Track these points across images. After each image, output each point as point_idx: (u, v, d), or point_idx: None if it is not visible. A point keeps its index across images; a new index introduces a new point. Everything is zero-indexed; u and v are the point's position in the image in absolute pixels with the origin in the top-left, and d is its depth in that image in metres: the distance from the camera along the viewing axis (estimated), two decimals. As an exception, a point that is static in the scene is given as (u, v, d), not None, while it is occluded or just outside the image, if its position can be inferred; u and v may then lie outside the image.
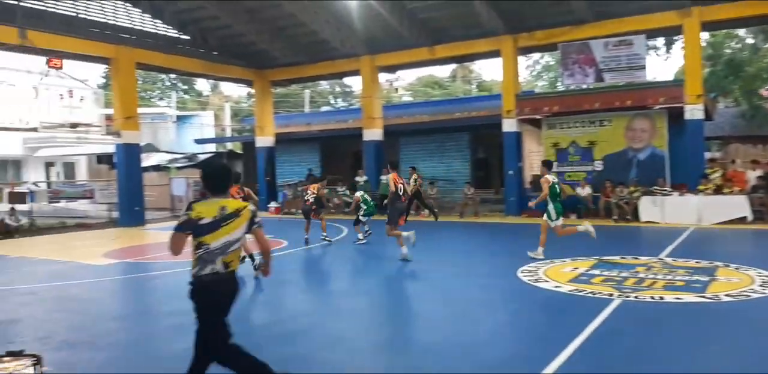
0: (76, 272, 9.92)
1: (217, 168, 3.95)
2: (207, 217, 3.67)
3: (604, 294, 6.84)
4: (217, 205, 3.74)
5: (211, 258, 3.68)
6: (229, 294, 3.80)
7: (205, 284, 3.71)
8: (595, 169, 17.12)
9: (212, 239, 3.68)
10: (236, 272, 3.85)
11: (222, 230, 3.70)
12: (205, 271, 3.69)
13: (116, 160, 19.00)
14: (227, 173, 3.92)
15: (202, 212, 3.68)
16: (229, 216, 3.74)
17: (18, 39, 15.07)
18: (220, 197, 3.82)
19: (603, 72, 16.68)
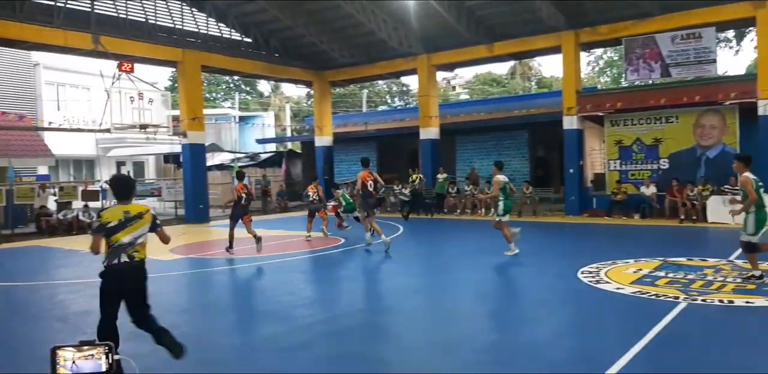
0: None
1: (120, 180, 4.89)
2: (113, 220, 4.54)
3: (669, 296, 6.61)
4: (120, 210, 4.61)
5: (119, 252, 4.57)
6: (135, 279, 4.71)
7: (114, 272, 4.62)
8: (660, 167, 16.53)
9: (120, 237, 4.54)
10: (143, 261, 4.70)
11: (127, 230, 4.56)
12: (115, 261, 4.58)
13: (182, 159, 19.73)
14: (128, 185, 4.83)
15: (109, 217, 4.55)
16: (132, 218, 4.59)
17: (92, 44, 15.87)
18: (125, 203, 4.70)
19: (670, 67, 16.05)
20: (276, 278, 9.17)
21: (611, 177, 17.36)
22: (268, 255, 11.18)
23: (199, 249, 12.35)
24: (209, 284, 9.08)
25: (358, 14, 18.16)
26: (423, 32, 19.34)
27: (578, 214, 17.07)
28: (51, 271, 10.40)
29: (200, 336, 5.92)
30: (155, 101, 16.55)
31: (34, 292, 8.23)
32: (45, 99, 25.56)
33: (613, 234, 13.66)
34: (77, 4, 16.17)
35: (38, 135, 21.06)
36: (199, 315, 6.91)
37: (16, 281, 9.26)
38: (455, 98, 47.81)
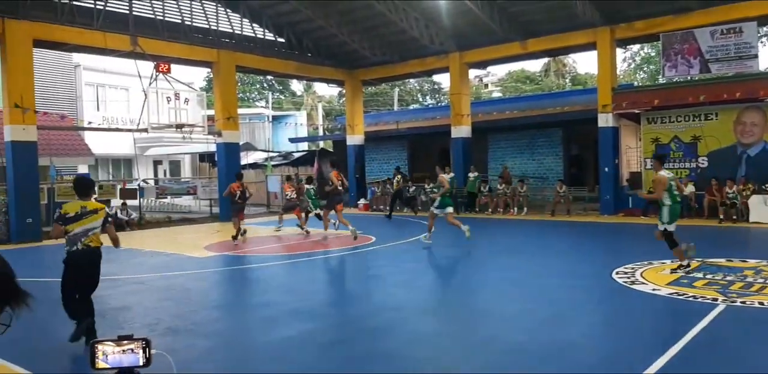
0: (180, 263, 10.58)
1: (81, 181, 5.89)
2: (71, 212, 5.44)
3: (707, 298, 6.45)
4: (79, 205, 5.53)
5: (75, 240, 5.45)
6: (88, 263, 5.54)
7: (71, 256, 5.49)
8: (699, 166, 16.13)
9: (75, 227, 5.43)
10: (97, 248, 5.55)
11: (82, 222, 5.45)
12: (72, 248, 5.46)
13: (217, 158, 20.05)
14: (87, 184, 5.86)
15: (68, 210, 5.48)
16: (87, 213, 5.49)
17: (130, 46, 16.25)
18: (84, 199, 5.64)
19: (709, 62, 15.64)
20: (306, 276, 9.26)
21: (648, 176, 17.01)
22: (299, 253, 11.30)
23: (232, 247, 12.54)
24: (242, 281, 9.22)
25: (390, 13, 18.17)
26: (455, 30, 19.25)
27: (613, 213, 16.78)
28: (91, 267, 10.68)
29: (234, 333, 6.03)
30: (191, 100, 16.85)
31: (75, 287, 8.46)
32: (85, 100, 26.28)
33: (649, 234, 13.27)
34: (116, 6, 16.57)
35: (79, 135, 21.66)
36: (233, 311, 7.02)
37: (56, 277, 9.53)
38: (487, 95, 47.45)
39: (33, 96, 14.70)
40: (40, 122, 15.53)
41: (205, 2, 18.73)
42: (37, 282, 8.56)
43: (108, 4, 16.15)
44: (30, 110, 14.43)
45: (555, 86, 42.67)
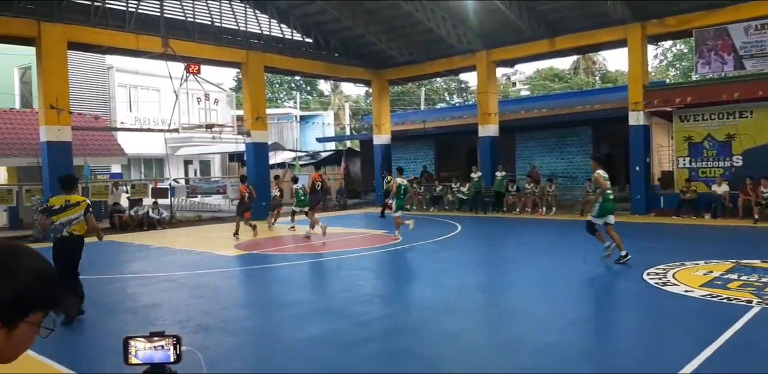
0: (210, 261, 10.73)
1: (65, 178, 6.68)
2: (56, 205, 6.43)
3: (741, 300, 6.31)
4: (63, 199, 6.48)
5: (60, 228, 6.38)
6: (72, 248, 6.39)
7: (58, 242, 6.40)
8: (733, 165, 15.76)
9: (60, 217, 6.39)
10: (80, 236, 6.44)
11: (66, 213, 6.39)
12: (59, 236, 6.42)
13: (246, 158, 20.28)
14: (70, 181, 6.65)
15: (54, 203, 6.49)
16: (71, 205, 6.40)
17: (161, 47, 16.55)
18: (68, 194, 6.53)
19: (743, 59, 15.26)
20: (334, 275, 9.32)
21: (680, 175, 16.69)
22: (326, 252, 11.37)
23: (261, 245, 12.67)
24: (270, 279, 9.31)
25: (417, 13, 18.15)
26: (482, 28, 19.13)
27: (645, 213, 16.49)
28: (122, 265, 10.93)
29: (262, 330, 6.10)
30: (221, 101, 17.09)
31: (107, 285, 8.66)
32: (118, 101, 26.79)
33: (681, 235, 13.14)
34: (148, 8, 16.88)
35: (112, 135, 22.10)
36: (261, 309, 7.10)
37: (90, 274, 9.76)
38: (515, 94, 47.04)
39: (68, 97, 15.06)
40: (74, 122, 15.91)
41: (234, 3, 18.96)
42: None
43: (140, 6, 16.46)
44: (65, 111, 14.80)
45: (584, 84, 42.10)
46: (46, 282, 1.07)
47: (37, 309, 1.05)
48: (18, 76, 24.94)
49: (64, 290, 1.10)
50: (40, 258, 1.11)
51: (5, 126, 18.73)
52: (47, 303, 1.05)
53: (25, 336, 1.05)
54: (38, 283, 1.05)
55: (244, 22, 19.23)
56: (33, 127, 17.69)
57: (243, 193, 14.22)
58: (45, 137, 14.73)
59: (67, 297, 1.11)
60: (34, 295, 1.04)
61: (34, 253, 1.12)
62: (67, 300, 1.11)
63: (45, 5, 14.57)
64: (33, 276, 1.05)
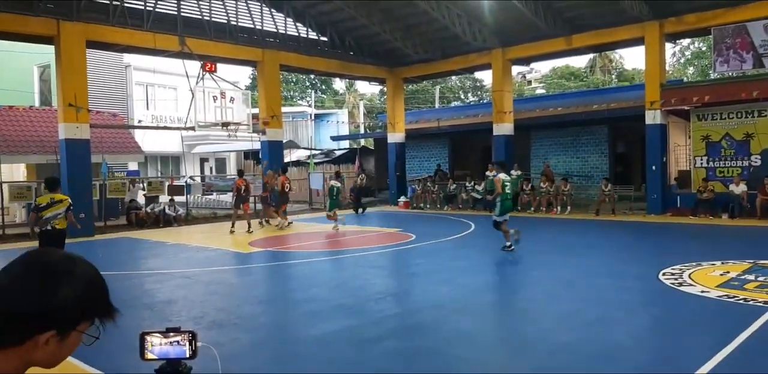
0: (225, 258, 10.82)
1: (50, 179, 8.21)
2: (43, 203, 7.72)
3: (758, 301, 6.24)
4: (49, 196, 7.82)
5: (46, 222, 7.68)
6: (54, 239, 7.66)
7: (44, 234, 7.72)
8: (752, 164, 15.56)
9: (46, 213, 7.66)
10: (62, 229, 7.87)
11: (51, 209, 7.68)
12: (45, 228, 7.70)
13: (261, 156, 20.38)
14: (54, 182, 8.13)
15: (41, 201, 7.82)
16: (55, 202, 7.70)
17: (178, 46, 16.68)
18: (52, 192, 7.90)
19: (763, 57, 15.05)
20: (348, 273, 9.35)
21: (697, 174, 16.52)
22: (341, 250, 11.40)
23: (275, 243, 12.75)
24: (285, 276, 9.37)
25: (433, 10, 18.11)
26: (498, 26, 19.04)
27: (661, 213, 16.34)
28: (139, 261, 11.05)
29: (277, 327, 6.14)
30: (236, 99, 17.17)
31: (124, 281, 8.76)
32: (135, 99, 27.04)
33: (698, 235, 13.01)
34: (165, 7, 17.02)
35: (129, 133, 22.34)
36: (276, 306, 7.15)
37: (107, 270, 9.88)
38: (531, 92, 46.77)
39: (86, 96, 15.23)
40: (92, 120, 16.10)
41: (250, 2, 19.06)
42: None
43: (157, 5, 16.60)
44: (83, 109, 14.97)
45: (601, 83, 41.76)
46: (100, 290, 1.08)
47: (90, 318, 1.07)
48: (37, 75, 25.27)
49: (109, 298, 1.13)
50: (93, 266, 1.13)
51: (25, 124, 19.00)
52: (100, 312, 1.07)
53: (74, 343, 1.07)
54: (94, 291, 1.07)
55: (260, 21, 19.32)
56: (52, 125, 17.94)
57: (239, 186, 14.87)
58: (64, 135, 14.92)
59: (113, 309, 1.14)
60: (90, 303, 1.06)
61: (87, 261, 1.13)
62: (114, 312, 1.13)
63: (64, 5, 14.74)
64: (90, 284, 1.06)
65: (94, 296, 1.07)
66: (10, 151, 17.71)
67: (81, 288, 1.05)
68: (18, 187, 15.97)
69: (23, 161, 19.28)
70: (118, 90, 26.36)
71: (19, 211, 18.03)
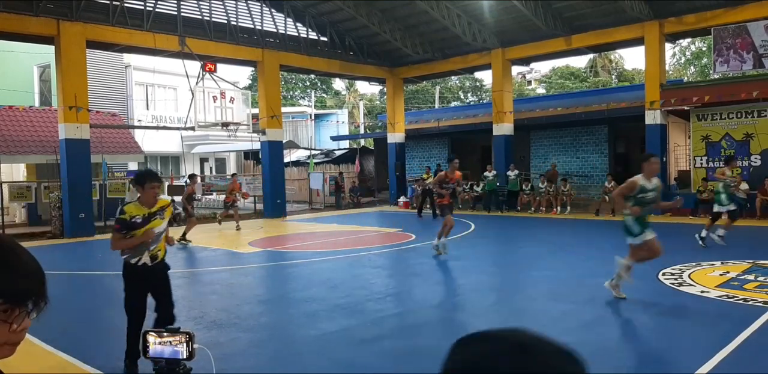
0: (225, 258, 10.82)
1: (147, 173, 4.87)
2: (136, 214, 4.66)
3: (758, 301, 6.25)
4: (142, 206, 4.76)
5: (140, 251, 4.69)
6: (162, 279, 4.93)
7: (140, 272, 4.74)
8: (751, 164, 15.56)
9: (141, 232, 4.68)
10: (164, 258, 4.92)
11: (151, 224, 4.69)
12: (138, 261, 4.71)
13: (261, 156, 20.39)
14: (152, 177, 4.78)
15: (131, 211, 4.68)
16: (155, 214, 4.74)
17: (178, 46, 16.68)
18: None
19: (763, 57, 15.06)
20: (348, 273, 9.34)
21: (697, 175, 16.52)
22: (341, 250, 11.40)
23: (276, 243, 12.75)
24: (285, 276, 9.37)
25: (433, 11, 18.12)
26: (498, 26, 19.05)
27: (661, 213, 16.32)
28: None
29: (276, 327, 6.14)
30: (236, 99, 17.16)
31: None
32: (135, 99, 27.04)
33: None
34: (165, 7, 17.02)
35: (129, 133, 22.33)
36: (276, 306, 7.15)
37: (107, 270, 9.90)
38: (531, 92, 46.76)
39: (86, 95, 15.23)
40: (92, 120, 16.10)
41: (250, 2, 19.06)
42: (91, 275, 8.91)
43: (157, 5, 16.61)
44: (83, 109, 14.97)
45: (601, 84, 41.75)
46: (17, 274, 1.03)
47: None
48: (37, 75, 25.27)
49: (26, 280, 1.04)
50: (8, 247, 1.05)
51: (25, 124, 19.00)
52: (11, 298, 1.02)
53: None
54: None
55: (260, 21, 19.33)
56: (52, 125, 17.94)
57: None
58: (64, 135, 14.92)
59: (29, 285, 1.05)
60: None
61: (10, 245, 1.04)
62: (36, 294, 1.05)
63: (64, 5, 14.74)
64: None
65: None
66: (10, 151, 17.70)
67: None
68: (18, 187, 15.97)
69: (23, 161, 19.28)
70: (118, 90, 26.35)
71: (19, 211, 18.04)
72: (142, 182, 4.69)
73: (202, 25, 17.67)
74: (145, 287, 4.75)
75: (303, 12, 20.09)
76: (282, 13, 19.79)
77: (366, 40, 21.55)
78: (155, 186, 4.72)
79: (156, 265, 4.76)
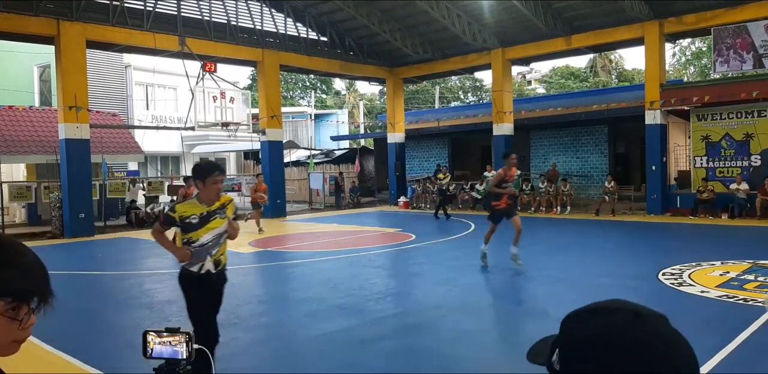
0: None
1: (206, 166, 4.12)
2: (192, 214, 4.03)
3: (758, 301, 6.24)
4: (200, 204, 4.09)
5: (203, 255, 4.09)
6: (218, 290, 4.29)
7: (197, 281, 4.19)
8: (751, 164, 15.56)
9: (201, 234, 4.05)
10: (225, 265, 4.30)
11: (210, 226, 4.06)
12: (195, 269, 4.15)
13: (261, 156, 20.39)
14: (215, 168, 4.09)
15: (185, 210, 4.04)
16: (214, 213, 4.07)
17: (178, 46, 16.69)
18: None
19: (763, 57, 15.06)
20: (348, 273, 9.34)
21: (697, 175, 16.52)
22: (341, 250, 11.40)
23: (276, 243, 12.74)
24: (285, 276, 9.37)
25: (433, 10, 18.12)
26: (498, 26, 19.05)
27: (661, 213, 16.34)
28: (139, 261, 11.05)
29: (277, 327, 6.14)
30: (236, 99, 17.16)
31: (124, 281, 8.77)
32: (135, 99, 27.03)
33: (697, 235, 13.01)
34: (165, 7, 17.02)
35: (129, 133, 22.33)
36: (276, 306, 7.15)
37: (107, 270, 9.90)
38: (531, 92, 46.76)
39: (86, 95, 15.23)
40: (92, 120, 16.09)
41: (250, 2, 19.07)
42: (91, 275, 8.91)
43: (157, 5, 16.61)
44: (83, 109, 14.97)
45: (601, 84, 41.75)
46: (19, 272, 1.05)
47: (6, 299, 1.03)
48: (37, 75, 25.26)
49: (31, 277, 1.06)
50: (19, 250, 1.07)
51: (25, 124, 19.00)
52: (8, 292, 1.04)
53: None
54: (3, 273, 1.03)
55: (260, 21, 19.33)
56: (52, 125, 17.94)
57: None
58: (64, 135, 14.92)
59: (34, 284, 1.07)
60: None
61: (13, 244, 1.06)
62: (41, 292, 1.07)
63: (64, 5, 14.74)
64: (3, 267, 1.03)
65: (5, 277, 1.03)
66: (10, 151, 17.70)
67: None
68: (18, 187, 15.97)
69: (23, 161, 19.28)
70: (118, 90, 26.35)
71: (19, 211, 18.05)
72: (204, 176, 3.97)
73: (202, 25, 17.67)
74: (212, 297, 4.14)
75: (303, 12, 20.09)
76: (282, 13, 19.79)
77: (366, 40, 21.55)
78: (219, 180, 4.01)
79: (219, 272, 4.14)
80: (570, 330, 0.92)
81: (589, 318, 0.92)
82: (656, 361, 0.82)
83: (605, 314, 0.92)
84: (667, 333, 0.89)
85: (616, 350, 0.82)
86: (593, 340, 0.85)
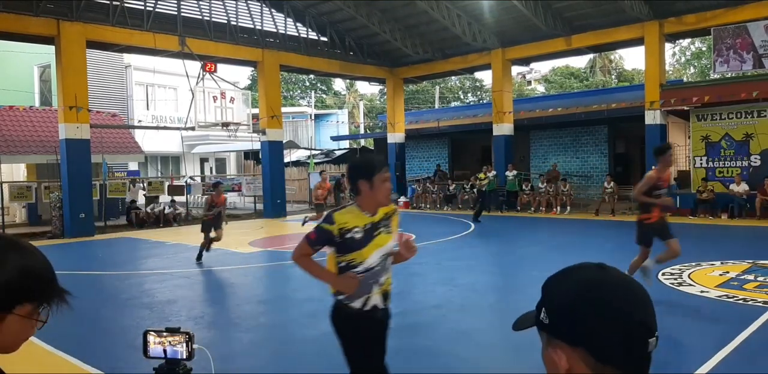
0: (225, 258, 10.81)
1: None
2: (355, 226, 3.02)
3: (758, 301, 6.25)
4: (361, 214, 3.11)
5: (369, 285, 3.09)
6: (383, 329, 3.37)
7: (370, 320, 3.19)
8: (751, 164, 15.56)
9: (367, 256, 3.06)
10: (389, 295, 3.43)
11: (377, 241, 3.09)
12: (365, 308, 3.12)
13: (261, 156, 20.40)
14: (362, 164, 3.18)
15: (344, 221, 3.04)
16: (380, 225, 3.13)
17: (178, 46, 16.69)
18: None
19: (763, 57, 15.06)
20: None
21: (697, 175, 16.52)
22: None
23: (276, 242, 12.74)
24: (285, 276, 9.37)
25: (433, 11, 18.12)
26: (498, 26, 19.06)
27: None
28: (139, 261, 11.05)
29: (276, 327, 6.14)
30: (236, 99, 17.18)
31: (124, 280, 8.77)
32: (135, 99, 27.04)
33: (697, 235, 13.00)
34: (165, 7, 17.02)
35: (129, 133, 22.33)
36: (276, 306, 7.16)
37: (108, 270, 9.91)
38: (531, 92, 46.77)
39: (86, 95, 15.23)
40: (92, 120, 16.10)
41: (250, 2, 19.07)
42: (91, 275, 8.90)
43: (157, 5, 16.61)
44: (83, 109, 14.98)
45: (601, 84, 41.76)
46: (33, 275, 1.08)
47: (24, 302, 1.06)
48: (37, 75, 25.27)
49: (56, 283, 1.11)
50: (32, 253, 1.11)
51: (25, 124, 19.00)
52: (34, 297, 1.07)
53: (16, 327, 1.07)
54: (24, 276, 1.06)
55: (260, 21, 19.33)
56: (52, 125, 17.94)
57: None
58: (64, 135, 14.92)
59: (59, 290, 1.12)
60: (18, 288, 1.05)
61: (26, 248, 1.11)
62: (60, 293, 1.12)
63: (64, 5, 14.75)
64: (18, 270, 1.06)
65: (26, 281, 1.06)
66: (10, 151, 17.71)
67: (8, 273, 1.05)
68: (18, 187, 15.97)
69: (23, 161, 19.29)
70: (118, 90, 26.35)
71: (19, 211, 18.05)
72: (370, 174, 2.91)
73: (202, 25, 17.67)
74: (381, 339, 3.14)
75: (303, 12, 20.10)
76: (282, 13, 19.79)
77: (366, 40, 21.55)
78: (388, 177, 2.98)
79: (387, 306, 3.11)
80: (551, 289, 1.14)
81: (564, 277, 1.15)
82: (621, 294, 1.05)
83: (576, 270, 1.16)
84: (627, 276, 1.12)
85: (590, 290, 1.05)
86: (571, 288, 1.08)
